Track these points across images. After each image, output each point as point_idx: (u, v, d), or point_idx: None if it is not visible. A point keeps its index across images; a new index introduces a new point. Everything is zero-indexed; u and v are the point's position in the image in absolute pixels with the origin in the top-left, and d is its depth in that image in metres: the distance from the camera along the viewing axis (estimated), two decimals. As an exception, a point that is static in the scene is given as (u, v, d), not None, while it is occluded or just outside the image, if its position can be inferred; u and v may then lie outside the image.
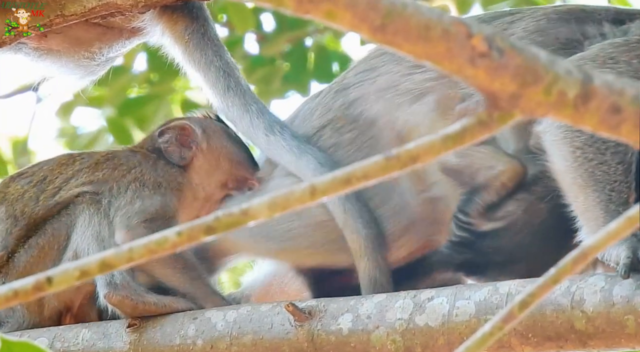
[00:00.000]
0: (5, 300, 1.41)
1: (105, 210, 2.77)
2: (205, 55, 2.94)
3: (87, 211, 2.76)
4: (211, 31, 2.98)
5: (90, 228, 2.73)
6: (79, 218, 2.76)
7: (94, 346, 2.67)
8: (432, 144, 1.26)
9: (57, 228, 2.78)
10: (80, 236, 2.74)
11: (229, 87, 2.92)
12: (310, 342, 2.59)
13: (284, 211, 1.26)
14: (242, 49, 4.72)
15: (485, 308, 2.56)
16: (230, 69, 2.95)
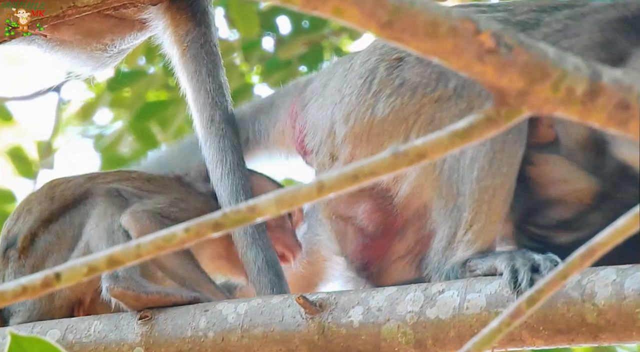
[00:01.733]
0: (14, 296, 1.42)
1: (122, 206, 2.79)
2: (199, 73, 2.94)
3: (104, 203, 2.78)
4: (211, 41, 2.98)
5: (104, 221, 2.75)
6: (95, 209, 2.78)
7: (105, 337, 2.68)
8: (440, 140, 1.26)
9: (74, 216, 2.80)
10: (93, 227, 2.75)
11: (212, 119, 2.93)
12: (321, 334, 2.60)
13: (291, 207, 1.26)
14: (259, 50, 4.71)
15: (496, 301, 2.55)
16: (220, 95, 2.95)
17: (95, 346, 2.67)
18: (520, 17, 2.77)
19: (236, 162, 2.90)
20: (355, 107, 2.75)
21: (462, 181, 2.66)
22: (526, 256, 2.57)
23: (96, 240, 2.74)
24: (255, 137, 2.95)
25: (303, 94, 2.89)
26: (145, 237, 1.32)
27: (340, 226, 2.79)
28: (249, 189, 2.88)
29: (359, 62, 2.78)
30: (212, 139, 2.92)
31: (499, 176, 2.64)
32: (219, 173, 2.89)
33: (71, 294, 2.75)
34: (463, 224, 2.66)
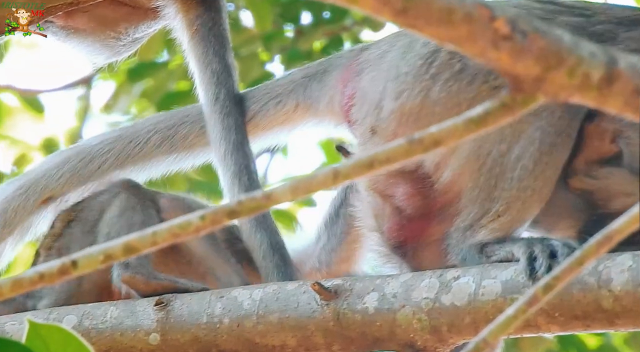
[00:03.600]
0: (31, 283, 1.43)
1: (144, 195, 2.81)
2: (206, 54, 2.94)
3: (124, 194, 2.80)
4: (221, 25, 2.98)
5: (126, 212, 2.77)
6: (116, 199, 2.80)
7: (121, 323, 2.69)
8: (455, 127, 1.26)
9: (99, 202, 2.82)
10: (115, 215, 2.77)
11: (217, 98, 2.93)
12: (337, 321, 2.60)
13: (307, 195, 1.26)
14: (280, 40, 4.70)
15: (511, 288, 2.55)
16: (226, 75, 2.95)
17: (111, 332, 2.68)
18: (596, 27, 2.74)
19: (239, 141, 2.89)
20: (410, 86, 2.74)
21: (503, 176, 2.65)
22: (544, 243, 2.56)
23: (117, 229, 2.76)
24: (306, 103, 2.91)
25: (357, 61, 2.86)
26: (161, 225, 1.33)
27: (378, 202, 2.79)
28: (252, 168, 2.88)
29: (422, 42, 2.76)
30: (215, 117, 2.91)
31: (541, 178, 2.64)
32: (222, 151, 2.88)
33: (98, 279, 2.77)
34: (491, 213, 2.66)
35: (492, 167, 2.66)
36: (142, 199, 2.82)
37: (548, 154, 2.64)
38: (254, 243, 2.81)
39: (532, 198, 2.64)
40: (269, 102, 2.94)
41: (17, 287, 1.39)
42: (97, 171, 2.92)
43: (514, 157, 2.65)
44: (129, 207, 2.79)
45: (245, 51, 4.58)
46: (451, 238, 2.68)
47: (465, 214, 2.67)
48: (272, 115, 2.94)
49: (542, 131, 2.65)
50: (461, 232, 2.67)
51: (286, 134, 2.96)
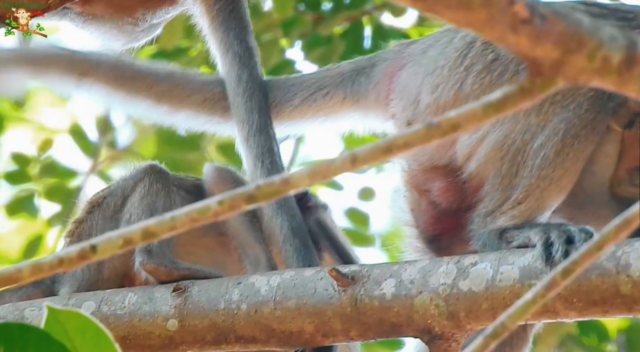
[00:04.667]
0: (51, 267, 1.44)
1: (168, 180, 2.81)
2: (227, 37, 2.94)
3: (148, 179, 2.80)
4: (240, 8, 2.98)
5: (148, 197, 2.78)
6: (139, 184, 2.81)
7: (140, 309, 2.69)
8: (473, 112, 1.25)
9: (122, 187, 2.83)
10: (137, 201, 2.78)
11: (240, 79, 2.92)
12: (354, 307, 2.60)
13: (324, 179, 1.26)
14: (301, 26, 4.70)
15: (529, 273, 2.55)
16: (248, 57, 2.94)
17: (130, 317, 2.69)
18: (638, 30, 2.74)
19: (263, 123, 2.89)
20: (445, 80, 2.76)
21: (524, 164, 2.67)
22: (561, 228, 2.57)
23: (138, 214, 2.77)
24: (353, 96, 2.92)
25: (401, 56, 2.88)
26: (179, 210, 1.33)
27: (415, 197, 2.80)
28: (275, 151, 2.88)
29: (460, 36, 2.78)
30: (239, 99, 2.91)
31: (560, 168, 2.66)
32: (244, 133, 2.88)
33: (119, 266, 2.78)
34: (511, 200, 2.68)
35: (515, 155, 2.68)
36: (166, 184, 2.82)
37: (570, 145, 2.66)
38: (274, 227, 2.82)
39: (551, 187, 2.66)
40: (316, 92, 2.95)
41: (37, 271, 1.39)
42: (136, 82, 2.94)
43: (536, 146, 2.67)
44: (152, 192, 2.79)
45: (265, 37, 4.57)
46: (473, 223, 2.70)
47: (487, 200, 2.69)
48: (318, 105, 2.95)
49: (567, 123, 2.66)
50: (482, 218, 2.68)
51: (330, 124, 2.98)
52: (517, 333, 2.80)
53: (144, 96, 2.98)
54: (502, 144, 2.69)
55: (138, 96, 2.98)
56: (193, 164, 4.86)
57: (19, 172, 4.89)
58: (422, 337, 2.58)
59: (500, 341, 2.81)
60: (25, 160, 4.91)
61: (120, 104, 2.99)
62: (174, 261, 2.73)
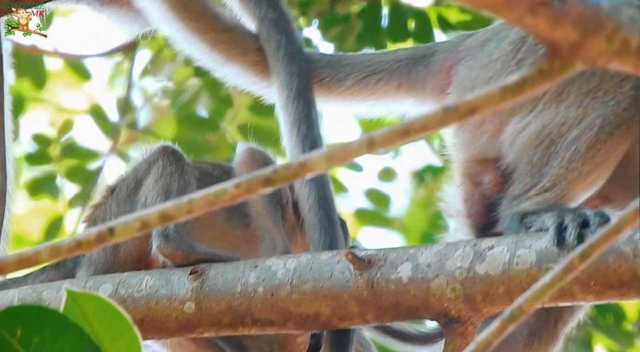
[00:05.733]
0: (69, 250, 1.44)
1: (182, 162, 2.82)
2: (259, 6, 2.93)
3: (162, 161, 2.80)
4: None
5: (163, 179, 2.78)
6: (154, 167, 2.81)
7: (157, 292, 2.70)
8: (491, 95, 1.25)
9: (136, 171, 2.83)
10: (151, 183, 2.79)
11: (279, 45, 2.91)
12: (370, 290, 2.60)
13: (342, 163, 1.26)
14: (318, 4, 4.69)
15: (546, 257, 2.54)
16: (284, 22, 2.93)
17: (147, 300, 2.70)
18: None
19: (302, 88, 2.87)
20: (497, 73, 2.77)
21: (556, 155, 2.69)
22: (577, 212, 2.57)
23: (153, 197, 2.78)
24: (409, 84, 2.92)
25: (461, 48, 2.88)
26: (197, 193, 1.33)
27: (469, 187, 2.82)
28: (312, 116, 2.87)
29: (517, 29, 2.78)
30: (279, 64, 2.89)
31: (590, 163, 2.67)
32: (284, 98, 2.87)
33: (135, 250, 2.79)
34: (538, 186, 2.69)
35: (549, 145, 2.70)
36: (181, 165, 2.82)
37: (602, 141, 2.67)
38: (302, 196, 2.81)
39: (577, 180, 2.67)
40: (370, 76, 2.95)
41: (56, 253, 1.40)
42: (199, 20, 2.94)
43: (570, 138, 2.69)
44: (167, 174, 2.80)
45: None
46: (501, 206, 2.71)
47: (517, 184, 2.71)
48: (371, 89, 2.95)
49: (604, 119, 2.68)
50: (509, 201, 2.70)
51: (379, 109, 2.98)
52: (547, 330, 2.81)
53: (199, 38, 2.98)
54: (540, 133, 2.71)
55: (195, 35, 2.98)
56: (213, 145, 4.87)
57: (39, 153, 4.91)
58: (438, 320, 2.59)
59: (530, 334, 2.83)
60: (46, 141, 4.92)
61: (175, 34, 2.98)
62: (191, 244, 2.74)
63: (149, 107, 5.26)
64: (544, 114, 2.72)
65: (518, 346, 2.82)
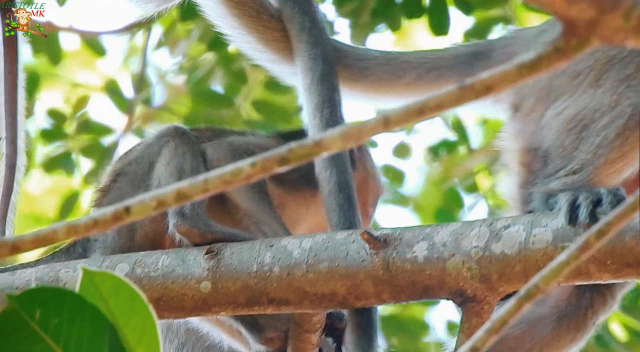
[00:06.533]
0: (85, 229, 1.45)
1: (193, 142, 2.82)
2: None
3: (173, 142, 2.81)
4: None
5: (175, 159, 2.78)
6: (165, 148, 2.81)
7: (173, 271, 2.71)
8: (507, 73, 1.24)
9: (147, 154, 2.84)
10: (164, 164, 2.79)
11: (303, 27, 2.89)
12: (386, 269, 2.60)
13: (357, 141, 1.26)
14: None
15: (562, 236, 2.54)
16: (307, 3, 2.91)
17: (163, 279, 2.71)
18: None
19: (326, 72, 2.86)
20: None
21: (587, 140, 2.70)
22: (591, 191, 2.57)
23: (167, 177, 2.78)
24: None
25: (515, 42, 2.89)
26: (213, 171, 1.33)
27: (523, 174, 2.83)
28: (336, 100, 2.85)
29: None
30: (303, 47, 2.88)
31: (617, 151, 2.68)
32: (307, 81, 2.86)
33: (150, 232, 2.79)
34: (567, 168, 2.70)
35: (581, 130, 2.71)
36: (192, 145, 2.82)
37: (631, 130, 2.68)
38: (322, 178, 2.81)
39: (604, 167, 2.68)
40: (430, 72, 2.94)
41: (72, 232, 1.40)
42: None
43: (601, 125, 2.70)
44: (179, 154, 2.80)
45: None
46: (534, 186, 2.71)
47: (549, 165, 2.73)
48: (430, 86, 2.95)
49: (635, 107, 2.69)
50: (541, 180, 2.70)
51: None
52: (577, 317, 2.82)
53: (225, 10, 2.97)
54: (574, 117, 2.72)
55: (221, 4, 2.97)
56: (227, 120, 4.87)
57: (55, 129, 4.93)
58: (454, 300, 2.59)
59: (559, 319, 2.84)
60: (61, 117, 4.93)
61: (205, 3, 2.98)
62: (207, 223, 2.74)
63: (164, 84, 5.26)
64: (581, 98, 2.72)
65: (546, 329, 2.83)
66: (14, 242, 1.44)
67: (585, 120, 2.72)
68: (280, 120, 4.89)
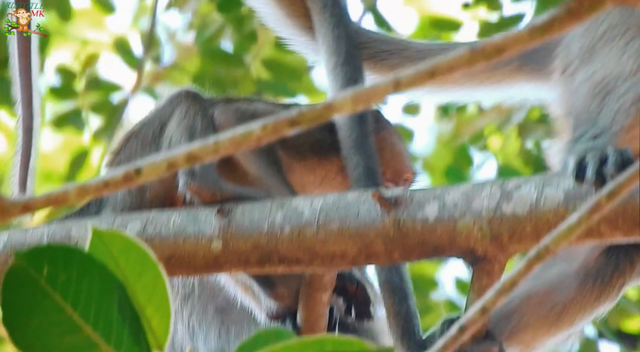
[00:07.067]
0: (96, 189, 1.45)
1: (204, 104, 2.81)
2: None
3: (185, 104, 2.81)
4: None
5: (186, 120, 2.78)
6: (177, 110, 2.81)
7: (184, 230, 2.72)
8: (519, 35, 1.23)
9: (159, 116, 2.84)
10: (175, 125, 2.79)
11: (325, 5, 2.86)
12: (397, 230, 2.61)
13: (368, 103, 1.26)
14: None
15: (574, 196, 2.54)
16: None
17: (175, 238, 2.71)
18: None
19: (350, 53, 2.83)
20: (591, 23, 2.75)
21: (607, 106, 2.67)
22: (599, 150, 2.56)
23: (177, 138, 2.78)
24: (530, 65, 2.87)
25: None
26: (224, 133, 1.33)
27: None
28: (360, 83, 2.83)
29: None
30: (326, 27, 2.85)
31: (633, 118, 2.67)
32: (332, 63, 2.83)
33: (162, 190, 2.80)
34: (588, 134, 2.68)
35: (604, 96, 2.69)
36: (203, 107, 2.82)
37: None
38: (350, 164, 2.81)
39: (620, 134, 2.67)
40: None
41: (83, 193, 1.40)
42: None
43: (622, 91, 2.68)
44: (190, 115, 2.80)
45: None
46: (558, 151, 2.70)
47: (574, 130, 2.70)
48: (491, 71, 2.91)
49: None
50: (566, 145, 2.68)
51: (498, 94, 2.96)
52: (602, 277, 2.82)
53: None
54: (600, 82, 2.70)
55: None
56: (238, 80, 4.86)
57: (64, 87, 4.93)
58: (465, 259, 2.59)
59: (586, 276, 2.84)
60: (70, 74, 4.93)
61: None
62: (217, 182, 2.74)
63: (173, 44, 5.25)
64: (609, 62, 2.70)
65: (571, 286, 2.83)
66: (25, 203, 1.45)
67: (609, 85, 2.69)
68: (290, 79, 4.88)
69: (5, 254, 2.72)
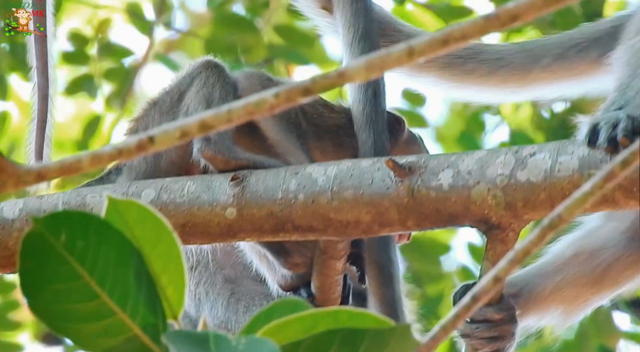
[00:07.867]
0: (110, 158, 1.45)
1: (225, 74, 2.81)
2: None
3: (205, 73, 2.80)
4: None
5: (205, 88, 2.78)
6: (196, 79, 2.81)
7: (198, 198, 2.72)
8: (533, 2, 1.22)
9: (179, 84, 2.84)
10: (193, 93, 2.79)
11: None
12: (411, 197, 2.61)
13: (381, 72, 1.25)
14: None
15: (588, 163, 2.53)
16: None
17: (189, 206, 2.72)
18: None
19: (368, 29, 2.82)
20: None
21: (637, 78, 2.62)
22: (612, 116, 2.54)
23: (195, 106, 2.78)
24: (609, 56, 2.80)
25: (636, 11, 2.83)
26: (236, 102, 1.33)
27: None
28: None
29: None
30: (345, 1, 2.84)
31: None
32: (349, 38, 2.82)
33: (177, 158, 2.80)
34: (615, 104, 2.64)
35: (637, 67, 2.62)
36: (223, 77, 2.82)
37: None
38: (360, 140, 2.81)
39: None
40: (569, 49, 2.86)
41: (96, 161, 1.41)
42: None
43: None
44: (209, 84, 2.80)
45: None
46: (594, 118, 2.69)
47: (607, 100, 2.66)
48: (571, 63, 2.89)
49: None
50: (598, 112, 2.66)
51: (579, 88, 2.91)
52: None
53: None
54: (636, 53, 2.66)
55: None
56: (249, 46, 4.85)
57: (76, 52, 4.93)
58: (479, 227, 2.59)
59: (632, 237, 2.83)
60: (83, 40, 4.93)
61: None
62: (232, 149, 2.74)
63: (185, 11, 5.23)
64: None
65: (619, 245, 2.81)
66: (39, 171, 1.45)
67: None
68: (302, 45, 4.87)
69: (21, 221, 2.73)
